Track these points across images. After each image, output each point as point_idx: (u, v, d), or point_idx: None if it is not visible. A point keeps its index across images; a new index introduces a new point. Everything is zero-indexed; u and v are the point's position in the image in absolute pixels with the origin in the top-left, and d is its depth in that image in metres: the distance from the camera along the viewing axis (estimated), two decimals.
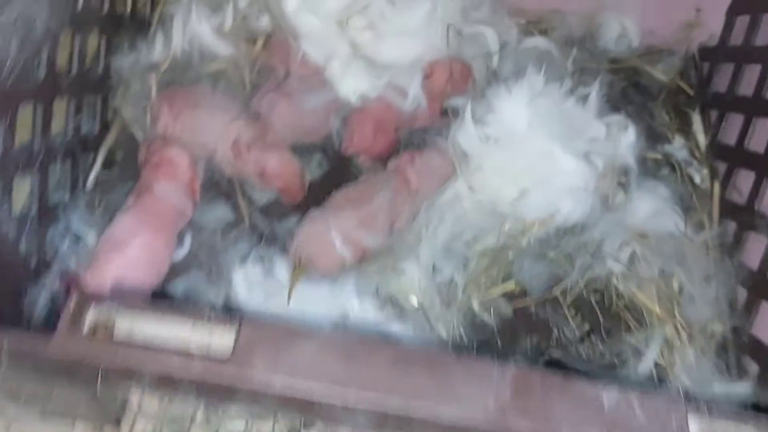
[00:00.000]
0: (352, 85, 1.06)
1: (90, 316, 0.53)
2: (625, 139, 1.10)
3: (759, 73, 1.09)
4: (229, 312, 0.89)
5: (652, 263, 1.03)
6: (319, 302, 0.89)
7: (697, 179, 1.16)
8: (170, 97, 1.02)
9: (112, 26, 1.00)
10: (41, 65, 0.81)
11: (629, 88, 1.30)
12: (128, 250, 0.89)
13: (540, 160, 1.02)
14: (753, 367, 0.96)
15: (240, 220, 1.02)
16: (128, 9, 1.04)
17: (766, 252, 0.96)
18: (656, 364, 0.95)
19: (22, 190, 0.85)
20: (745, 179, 1.08)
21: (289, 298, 0.86)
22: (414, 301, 0.94)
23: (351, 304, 0.89)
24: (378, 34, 1.09)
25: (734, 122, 1.15)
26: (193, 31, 1.05)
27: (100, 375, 0.55)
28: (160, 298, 0.93)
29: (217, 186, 1.04)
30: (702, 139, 1.21)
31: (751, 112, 1.10)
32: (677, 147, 1.23)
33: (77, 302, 0.54)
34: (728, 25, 1.25)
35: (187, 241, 0.98)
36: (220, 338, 0.53)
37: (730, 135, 1.16)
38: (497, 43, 1.18)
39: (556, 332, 0.99)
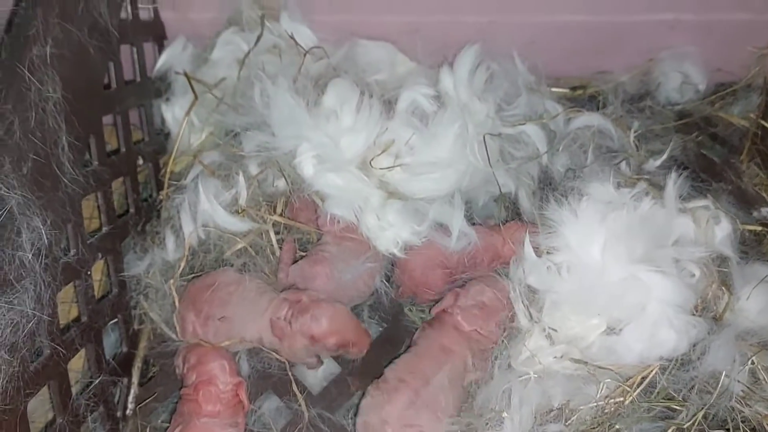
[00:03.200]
0: (392, 236, 0.93)
1: None
2: (719, 233, 0.93)
3: None
4: None
5: None
6: None
7: None
8: (193, 299, 0.91)
9: (117, 239, 0.90)
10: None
11: (706, 143, 1.12)
12: None
13: (626, 288, 0.87)
14: None
15: (297, 416, 0.91)
16: (131, 206, 0.94)
17: None
18: None
19: None
20: None
21: None
22: None
23: None
24: (408, 170, 0.95)
25: None
26: (205, 215, 0.93)
27: None
28: None
29: (267, 378, 0.93)
30: None
31: None
32: None
33: None
34: None
35: None
36: None
37: None
38: (543, 139, 1.02)
39: None
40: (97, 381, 0.81)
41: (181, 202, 0.93)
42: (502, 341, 0.89)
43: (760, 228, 1.01)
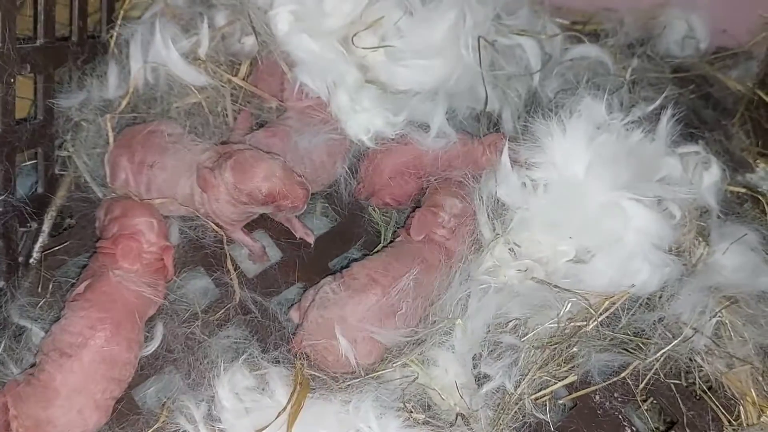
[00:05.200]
0: (364, 122, 0.84)
1: None
2: (707, 178, 0.88)
3: None
4: None
5: (746, 336, 0.82)
6: (327, 424, 0.67)
7: None
8: (129, 143, 0.81)
9: (51, 59, 0.77)
10: None
11: (698, 102, 1.07)
12: (80, 357, 0.71)
13: (604, 213, 0.80)
14: None
15: (225, 297, 0.81)
16: (74, 34, 0.82)
17: None
18: None
19: None
20: None
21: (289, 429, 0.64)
22: (450, 401, 0.74)
23: (369, 423, 0.68)
24: (393, 54, 0.86)
25: None
26: (158, 57, 0.82)
27: None
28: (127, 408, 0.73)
29: (198, 250, 0.83)
30: None
31: None
32: (761, 175, 1.01)
33: None
34: None
35: (159, 331, 0.77)
36: None
37: None
38: (539, 56, 0.95)
39: (629, 429, 0.79)
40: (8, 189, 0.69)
41: (132, 34, 0.82)
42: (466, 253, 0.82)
43: (743, 189, 0.97)
